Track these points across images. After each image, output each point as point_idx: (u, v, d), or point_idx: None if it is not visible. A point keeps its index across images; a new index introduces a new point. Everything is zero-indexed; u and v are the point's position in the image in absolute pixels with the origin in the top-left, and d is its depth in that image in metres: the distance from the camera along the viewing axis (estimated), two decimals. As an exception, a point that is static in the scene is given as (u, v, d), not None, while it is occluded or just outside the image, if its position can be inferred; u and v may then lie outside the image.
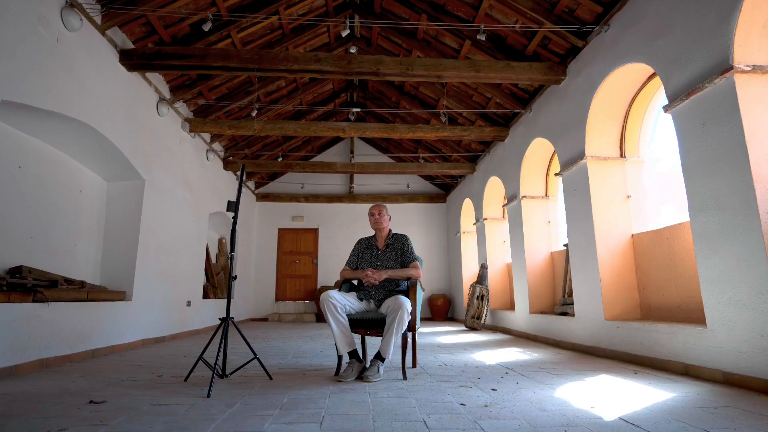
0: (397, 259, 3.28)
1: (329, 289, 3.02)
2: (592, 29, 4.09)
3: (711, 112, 2.78)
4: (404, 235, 3.36)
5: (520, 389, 2.52)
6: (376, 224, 3.30)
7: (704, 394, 2.36)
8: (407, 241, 3.33)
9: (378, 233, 3.36)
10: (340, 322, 2.93)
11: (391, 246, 3.31)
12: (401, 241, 3.33)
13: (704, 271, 2.84)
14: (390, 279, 3.16)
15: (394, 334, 2.85)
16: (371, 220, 3.31)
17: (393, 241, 3.34)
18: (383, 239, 3.34)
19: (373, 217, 3.30)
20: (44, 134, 3.82)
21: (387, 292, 3.16)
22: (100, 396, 2.33)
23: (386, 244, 3.31)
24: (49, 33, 3.38)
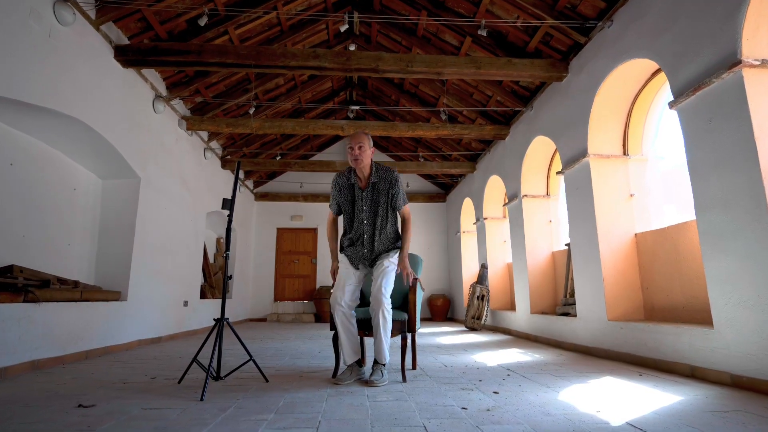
0: (384, 203, 2.82)
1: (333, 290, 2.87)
2: (595, 25, 4.02)
3: (718, 108, 2.72)
4: (389, 169, 2.85)
5: (522, 392, 2.45)
6: (356, 162, 2.76)
7: (712, 397, 2.30)
8: (396, 181, 2.82)
9: (358, 170, 2.82)
10: (350, 332, 2.79)
11: (377, 185, 2.82)
12: (388, 179, 2.82)
13: (711, 270, 2.78)
14: (381, 236, 2.83)
15: (382, 337, 2.71)
16: (350, 156, 2.77)
17: (378, 177, 2.82)
18: (366, 177, 2.84)
19: (351, 152, 2.74)
20: (36, 131, 3.75)
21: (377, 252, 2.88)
22: (90, 400, 2.26)
23: (371, 183, 2.82)
24: (41, 27, 3.31)
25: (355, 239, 2.87)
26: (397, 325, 2.88)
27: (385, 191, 2.82)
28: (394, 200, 2.83)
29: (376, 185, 2.82)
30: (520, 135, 5.96)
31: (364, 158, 2.77)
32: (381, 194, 2.82)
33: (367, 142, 2.80)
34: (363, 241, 2.83)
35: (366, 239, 2.84)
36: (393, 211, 2.88)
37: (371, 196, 2.82)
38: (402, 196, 2.86)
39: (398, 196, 2.83)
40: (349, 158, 2.78)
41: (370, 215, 2.82)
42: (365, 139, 2.79)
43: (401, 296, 3.24)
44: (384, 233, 2.84)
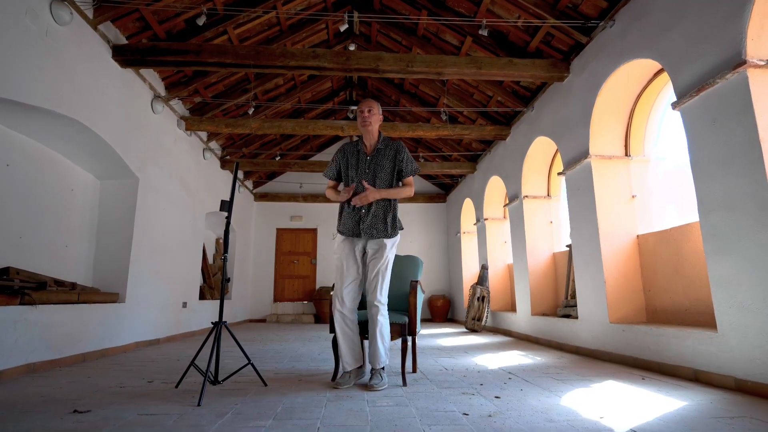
0: (391, 170, 2.78)
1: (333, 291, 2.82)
2: (597, 24, 3.99)
3: (722, 109, 2.68)
4: (399, 141, 2.84)
5: (524, 396, 2.42)
6: (364, 125, 2.75)
7: (717, 402, 2.26)
8: (403, 148, 2.81)
9: (365, 135, 2.81)
10: (350, 338, 2.74)
11: (383, 152, 2.79)
12: (395, 148, 2.80)
13: (715, 273, 2.74)
14: (378, 214, 2.72)
15: (379, 344, 2.66)
16: (359, 120, 2.78)
17: (384, 145, 2.81)
18: (372, 143, 2.81)
19: (361, 115, 2.75)
20: (33, 131, 3.71)
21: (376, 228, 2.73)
22: (86, 405, 2.22)
23: (376, 149, 2.79)
24: (38, 26, 3.27)
25: (352, 209, 2.77)
26: (398, 328, 2.85)
27: (390, 157, 2.79)
28: (403, 165, 2.78)
29: (381, 152, 2.79)
30: (520, 135, 5.93)
31: (373, 122, 2.76)
32: (385, 159, 2.78)
33: (377, 107, 2.79)
34: (357, 209, 2.75)
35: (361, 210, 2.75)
36: (396, 182, 2.81)
37: (375, 161, 2.78)
38: (412, 163, 2.81)
39: (407, 162, 2.79)
40: (359, 122, 2.78)
41: (371, 180, 2.76)
42: (375, 104, 2.79)
43: (402, 299, 3.20)
44: (377, 205, 2.74)
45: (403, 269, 3.29)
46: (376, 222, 2.72)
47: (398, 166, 2.79)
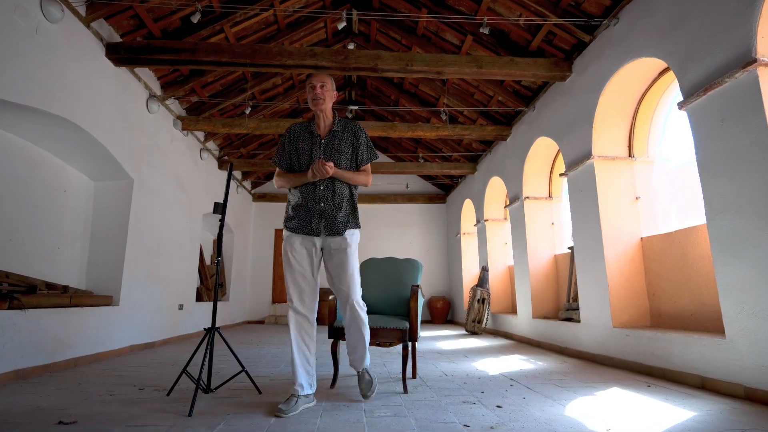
0: (350, 156, 2.45)
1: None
2: (600, 23, 3.91)
3: (731, 109, 2.60)
4: (356, 123, 2.54)
5: (527, 405, 2.34)
6: (317, 102, 2.38)
7: (727, 412, 2.18)
8: (362, 130, 2.50)
9: (319, 115, 2.44)
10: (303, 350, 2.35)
11: (339, 134, 2.45)
12: (353, 130, 2.48)
13: (723, 278, 2.66)
14: (340, 205, 2.39)
15: (365, 344, 2.48)
16: (309, 97, 2.41)
17: (341, 127, 2.47)
18: (327, 124, 2.46)
19: (313, 91, 2.37)
20: (24, 131, 3.63)
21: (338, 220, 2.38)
22: (72, 415, 2.14)
23: (332, 131, 2.45)
24: (27, 24, 3.19)
25: (307, 196, 2.39)
26: (398, 334, 2.77)
27: (348, 141, 2.46)
28: (362, 150, 2.46)
29: (337, 134, 2.45)
30: (521, 136, 5.85)
31: (326, 98, 2.41)
32: (343, 143, 2.44)
33: (330, 82, 2.45)
34: (316, 197, 2.38)
35: (320, 194, 2.38)
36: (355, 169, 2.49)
37: (332, 143, 2.42)
38: (371, 149, 2.51)
39: (366, 147, 2.48)
40: (309, 99, 2.41)
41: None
42: (328, 79, 2.44)
43: (402, 303, 3.13)
44: (341, 193, 2.41)
45: (403, 273, 3.21)
46: (337, 213, 2.39)
47: (359, 154, 2.47)
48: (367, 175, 2.49)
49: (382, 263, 3.31)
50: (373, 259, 3.36)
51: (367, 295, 3.23)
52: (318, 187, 2.38)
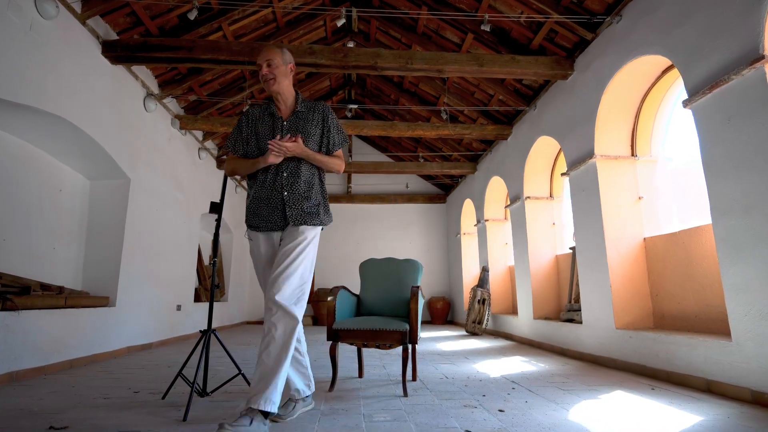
0: (318, 139, 2.16)
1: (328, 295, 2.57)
2: (603, 20, 3.86)
3: (738, 107, 2.55)
4: (324, 103, 2.22)
5: (529, 409, 2.29)
6: (268, 83, 2.06)
7: (735, 417, 2.13)
8: (331, 111, 2.21)
9: (276, 98, 2.13)
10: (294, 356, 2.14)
11: (305, 115, 2.15)
12: (321, 111, 2.18)
13: (729, 279, 2.61)
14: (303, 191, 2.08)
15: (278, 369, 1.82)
16: (261, 80, 2.09)
17: (307, 108, 2.17)
18: (289, 105, 2.15)
19: (260, 72, 2.06)
20: (18, 129, 3.58)
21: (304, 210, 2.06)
22: (64, 419, 2.09)
23: (295, 112, 2.14)
24: (21, 20, 3.14)
25: (268, 186, 2.09)
26: (398, 336, 2.71)
27: (317, 123, 2.15)
28: (332, 134, 2.17)
29: (302, 115, 2.14)
30: (522, 135, 5.80)
31: (278, 77, 2.05)
32: (309, 125, 2.13)
33: (279, 57, 2.06)
34: (278, 185, 2.08)
35: (283, 181, 2.07)
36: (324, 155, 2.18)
37: (296, 126, 2.11)
38: (341, 133, 2.21)
39: (336, 130, 2.18)
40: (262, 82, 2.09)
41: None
42: (275, 54, 2.06)
43: (402, 305, 3.08)
44: (309, 180, 2.11)
45: (403, 274, 3.16)
46: (303, 203, 2.08)
47: (329, 137, 2.17)
48: (340, 161, 2.20)
49: (382, 264, 3.26)
50: (372, 260, 3.31)
51: (366, 296, 3.19)
52: (281, 173, 2.07)
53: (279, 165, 2.07)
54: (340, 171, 2.23)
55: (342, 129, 2.24)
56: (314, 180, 2.14)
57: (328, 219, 2.18)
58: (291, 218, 2.06)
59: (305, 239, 2.03)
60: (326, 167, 2.17)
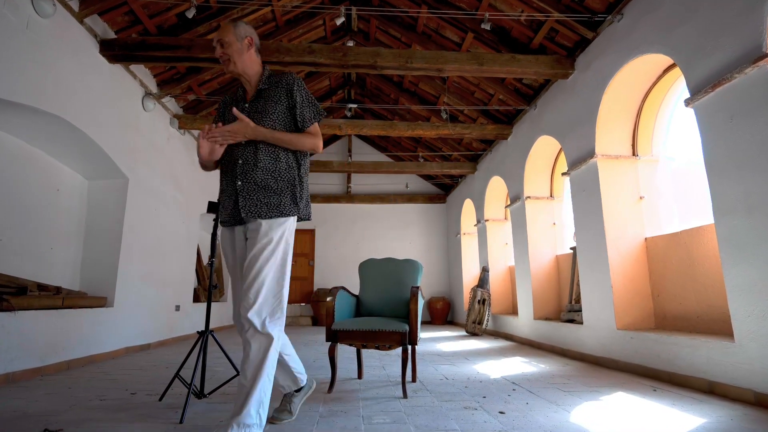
0: (284, 117, 1.90)
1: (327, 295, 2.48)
2: (604, 19, 3.84)
3: (741, 105, 2.53)
4: (289, 74, 1.95)
5: (530, 411, 2.27)
6: (226, 64, 1.90)
7: (738, 419, 2.11)
8: (296, 81, 1.92)
9: (241, 78, 1.95)
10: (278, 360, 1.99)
11: (267, 93, 1.92)
12: (287, 85, 1.91)
13: (732, 279, 2.59)
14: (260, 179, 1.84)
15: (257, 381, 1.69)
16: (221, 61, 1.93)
17: (270, 83, 1.94)
18: (253, 84, 1.96)
19: (215, 53, 1.91)
20: (14, 128, 3.55)
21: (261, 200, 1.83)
22: (59, 422, 2.06)
23: (257, 91, 1.93)
24: (18, 18, 3.11)
25: (227, 176, 1.93)
26: (397, 337, 2.69)
27: (280, 99, 1.90)
28: (300, 109, 1.90)
29: (264, 93, 1.92)
30: (523, 135, 5.78)
31: (234, 56, 1.87)
32: (270, 102, 1.89)
33: (232, 32, 1.87)
34: (234, 174, 1.89)
35: (239, 170, 1.87)
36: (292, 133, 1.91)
37: (256, 107, 1.90)
38: (312, 105, 1.93)
39: (305, 102, 1.90)
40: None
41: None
42: (227, 30, 1.87)
43: (401, 305, 3.05)
44: (267, 167, 1.85)
45: (403, 274, 3.14)
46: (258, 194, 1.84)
47: (300, 113, 1.90)
48: (314, 138, 1.91)
49: (381, 264, 3.23)
50: (372, 260, 3.29)
51: (365, 296, 3.16)
52: (237, 161, 1.88)
53: (234, 152, 1.88)
54: (315, 149, 1.92)
55: (314, 101, 1.95)
56: (278, 166, 1.86)
57: (297, 209, 1.88)
58: (243, 210, 1.83)
59: (270, 241, 1.79)
60: (293, 147, 1.87)
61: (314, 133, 1.93)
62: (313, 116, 1.93)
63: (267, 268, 1.77)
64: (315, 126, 1.94)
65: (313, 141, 1.91)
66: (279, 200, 1.85)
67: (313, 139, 1.91)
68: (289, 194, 1.87)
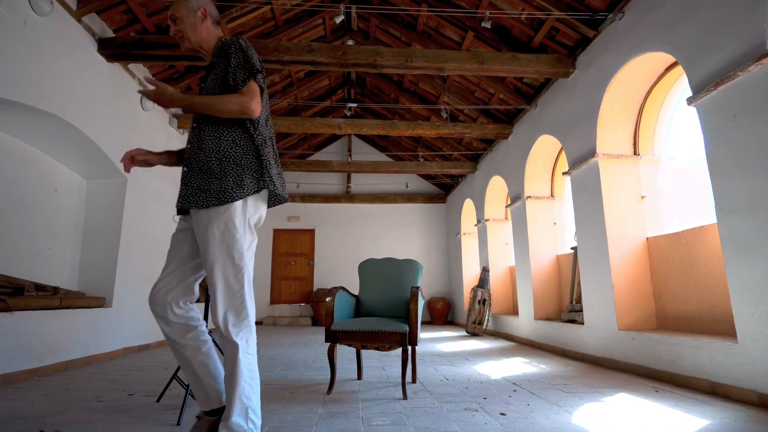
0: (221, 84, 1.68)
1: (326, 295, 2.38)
2: (605, 17, 3.81)
3: (744, 104, 2.51)
4: (231, 40, 1.70)
5: (532, 413, 2.24)
6: (181, 41, 1.77)
7: (742, 421, 2.08)
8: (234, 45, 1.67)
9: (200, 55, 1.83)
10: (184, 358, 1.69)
11: (215, 64, 1.72)
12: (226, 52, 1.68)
13: (735, 279, 2.56)
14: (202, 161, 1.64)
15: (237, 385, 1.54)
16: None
17: (217, 54, 1.73)
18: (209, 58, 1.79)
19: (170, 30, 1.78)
20: (12, 127, 3.53)
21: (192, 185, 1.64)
22: (55, 423, 2.04)
23: (210, 64, 1.77)
24: (15, 16, 3.09)
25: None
26: (397, 337, 2.67)
27: (219, 69, 1.69)
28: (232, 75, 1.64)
29: (213, 66, 1.74)
30: (523, 134, 5.75)
31: (187, 31, 1.74)
32: (212, 76, 1.71)
33: (184, 6, 1.74)
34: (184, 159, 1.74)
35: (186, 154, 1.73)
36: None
37: (206, 83, 1.74)
38: (246, 64, 1.64)
39: (236, 66, 1.64)
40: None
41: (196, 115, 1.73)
42: (180, 5, 1.74)
43: (401, 306, 3.03)
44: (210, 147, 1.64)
45: (403, 274, 3.11)
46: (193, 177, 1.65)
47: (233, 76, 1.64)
48: (242, 97, 1.60)
49: (381, 264, 3.21)
50: (371, 260, 3.27)
51: (365, 296, 3.14)
52: (186, 146, 1.76)
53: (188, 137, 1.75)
54: (244, 110, 1.60)
55: (250, 60, 1.65)
56: (222, 145, 1.65)
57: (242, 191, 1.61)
58: (180, 199, 1.67)
59: (210, 237, 1.59)
60: (214, 111, 1.60)
61: (244, 92, 1.62)
62: (246, 77, 1.63)
63: (215, 270, 1.58)
64: (249, 85, 1.63)
65: (239, 100, 1.59)
66: (220, 185, 1.60)
67: (239, 98, 1.60)
68: (232, 176, 1.62)
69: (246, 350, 1.58)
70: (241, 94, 1.61)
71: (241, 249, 1.61)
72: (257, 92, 1.63)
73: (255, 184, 1.65)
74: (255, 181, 1.66)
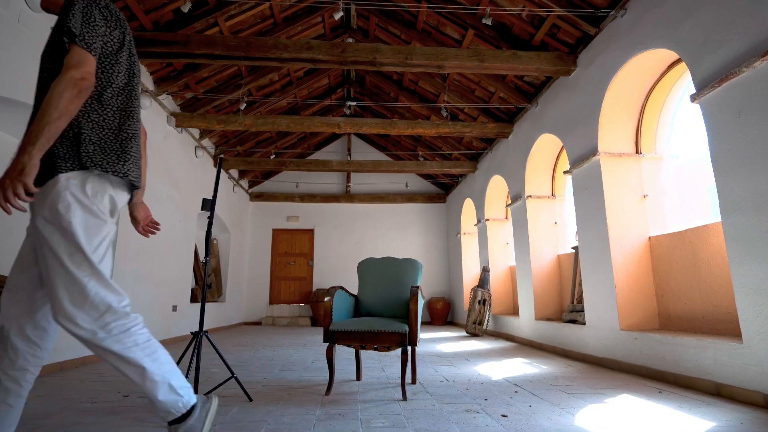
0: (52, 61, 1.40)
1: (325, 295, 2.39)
2: (607, 14, 3.78)
3: (749, 100, 2.47)
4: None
5: (534, 415, 2.20)
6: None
7: (749, 423, 2.04)
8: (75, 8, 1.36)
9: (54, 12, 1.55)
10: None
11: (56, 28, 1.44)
12: (64, 15, 1.36)
13: (740, 278, 2.52)
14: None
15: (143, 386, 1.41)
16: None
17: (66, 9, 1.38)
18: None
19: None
20: (5, 124, 3.48)
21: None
22: (47, 426, 2.00)
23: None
24: (9, 12, 3.05)
25: None
26: (397, 338, 2.63)
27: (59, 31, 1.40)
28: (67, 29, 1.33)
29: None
30: (524, 133, 5.72)
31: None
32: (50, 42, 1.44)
33: None
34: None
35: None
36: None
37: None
38: (76, 21, 1.34)
39: (70, 20, 1.34)
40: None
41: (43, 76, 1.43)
42: None
43: (401, 305, 2.99)
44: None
45: (403, 274, 3.07)
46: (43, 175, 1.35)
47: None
48: (67, 72, 1.28)
49: (381, 263, 3.17)
50: (371, 259, 3.22)
51: (364, 296, 3.10)
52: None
53: None
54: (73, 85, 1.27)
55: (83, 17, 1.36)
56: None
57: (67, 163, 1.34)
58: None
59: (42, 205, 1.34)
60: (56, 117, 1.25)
61: (68, 63, 1.29)
62: (74, 33, 1.32)
63: (51, 266, 1.34)
64: (74, 52, 1.31)
65: (66, 76, 1.27)
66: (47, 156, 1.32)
67: (65, 73, 1.28)
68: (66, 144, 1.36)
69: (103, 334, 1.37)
70: (68, 68, 1.29)
71: (75, 233, 1.37)
72: (82, 56, 1.31)
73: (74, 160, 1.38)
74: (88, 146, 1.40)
